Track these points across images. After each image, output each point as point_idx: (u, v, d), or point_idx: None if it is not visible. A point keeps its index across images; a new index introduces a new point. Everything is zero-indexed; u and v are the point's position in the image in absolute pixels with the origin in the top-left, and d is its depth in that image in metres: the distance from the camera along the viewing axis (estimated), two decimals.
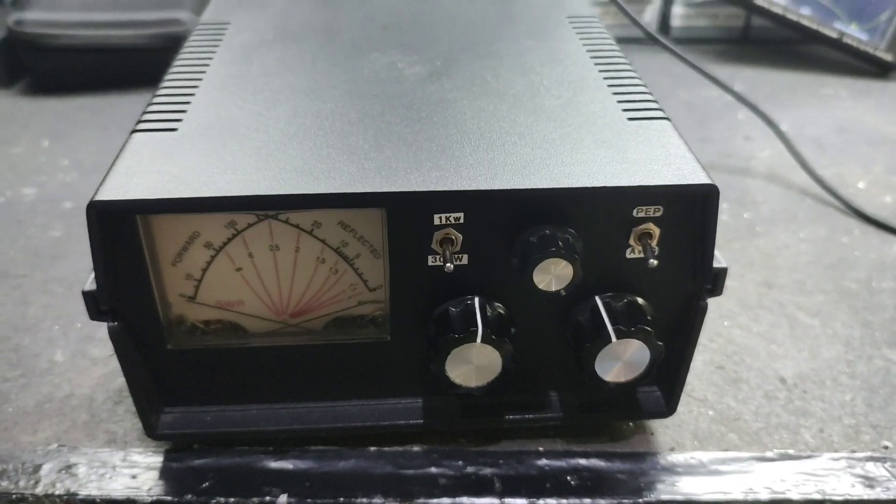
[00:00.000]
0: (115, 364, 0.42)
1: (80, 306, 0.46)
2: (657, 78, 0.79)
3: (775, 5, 0.79)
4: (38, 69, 0.76)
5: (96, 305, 0.33)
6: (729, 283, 0.48)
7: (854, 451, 0.37)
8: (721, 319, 0.46)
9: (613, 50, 0.44)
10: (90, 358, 0.43)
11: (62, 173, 0.62)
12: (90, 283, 0.33)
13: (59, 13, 0.74)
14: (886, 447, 0.38)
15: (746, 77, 0.81)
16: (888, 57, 0.79)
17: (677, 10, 0.87)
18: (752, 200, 0.58)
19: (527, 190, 0.31)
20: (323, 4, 0.51)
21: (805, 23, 0.79)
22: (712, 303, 0.35)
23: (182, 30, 0.74)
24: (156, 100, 0.38)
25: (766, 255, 0.52)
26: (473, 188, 0.31)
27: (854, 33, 0.78)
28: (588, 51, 0.43)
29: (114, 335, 0.33)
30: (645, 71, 0.79)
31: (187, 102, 0.37)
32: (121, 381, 0.41)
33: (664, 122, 0.36)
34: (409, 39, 0.45)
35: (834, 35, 0.79)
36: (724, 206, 0.57)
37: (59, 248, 0.53)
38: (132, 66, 0.75)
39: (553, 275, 0.31)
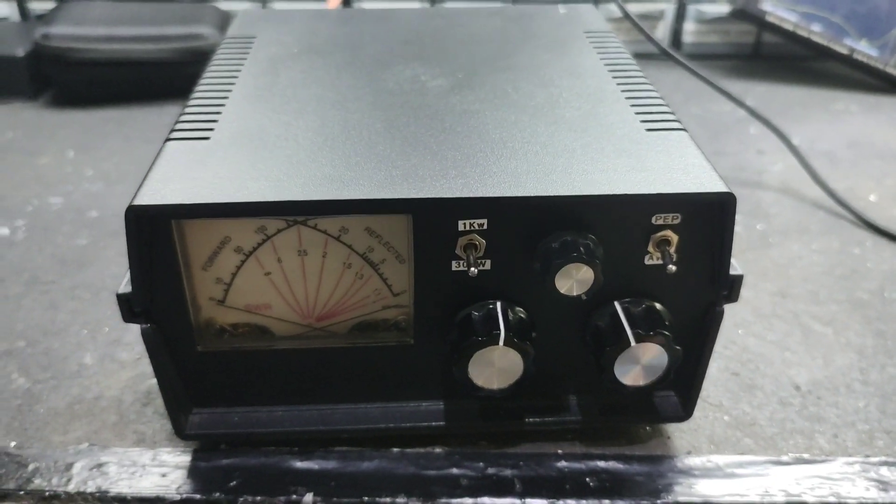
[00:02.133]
0: (142, 367, 0.43)
1: (108, 311, 0.48)
2: (669, 93, 0.80)
3: (786, 22, 0.80)
4: (63, 82, 0.78)
5: (130, 307, 0.34)
6: (743, 292, 0.49)
7: (868, 456, 0.38)
8: (736, 328, 0.47)
9: (630, 63, 0.45)
10: (118, 361, 0.44)
11: (87, 183, 0.64)
12: (124, 286, 0.34)
13: (85, 28, 0.76)
14: None
15: (758, 92, 0.82)
16: None
17: (689, 27, 0.88)
18: (765, 213, 0.59)
19: (549, 197, 0.32)
20: (345, 20, 0.52)
21: (816, 39, 0.80)
22: (727, 311, 0.36)
23: (204, 44, 0.76)
24: (188, 110, 0.39)
25: (779, 265, 0.53)
26: (497, 195, 0.32)
27: (864, 49, 0.79)
28: (605, 64, 0.45)
29: (146, 337, 0.34)
30: (657, 86, 0.81)
31: (218, 112, 0.38)
32: (148, 383, 0.42)
33: (681, 132, 0.37)
34: (431, 53, 0.46)
35: (844, 51, 0.80)
36: (737, 217, 0.58)
37: (86, 255, 0.54)
38: (155, 80, 0.77)
39: (574, 279, 0.32)
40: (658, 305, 0.35)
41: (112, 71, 0.76)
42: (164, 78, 0.77)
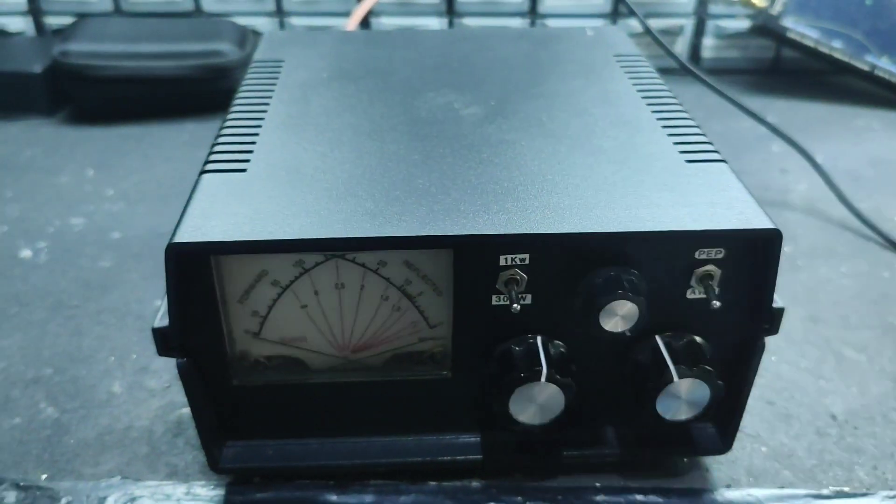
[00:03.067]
0: (171, 396, 0.43)
1: (134, 337, 0.48)
2: (691, 109, 0.79)
3: (807, 39, 0.80)
4: (81, 99, 0.78)
5: (166, 342, 0.34)
6: None
7: None
8: (768, 354, 0.46)
9: (663, 89, 0.44)
10: (147, 389, 0.44)
11: (108, 203, 0.63)
12: (160, 320, 0.33)
13: (103, 45, 0.76)
14: None
15: (778, 108, 0.81)
16: None
17: (708, 42, 0.88)
18: (792, 234, 0.59)
19: (592, 234, 0.31)
20: (372, 43, 0.52)
21: (837, 55, 0.80)
22: None
23: (222, 61, 0.76)
24: (221, 139, 0.39)
25: (808, 289, 0.53)
26: (540, 231, 0.31)
27: (886, 66, 0.79)
28: (638, 90, 0.44)
29: (182, 371, 0.34)
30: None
31: (252, 143, 0.38)
32: (178, 413, 0.42)
33: (722, 164, 0.36)
34: (461, 79, 0.46)
35: (865, 68, 0.79)
36: None
37: (110, 278, 0.54)
38: (174, 96, 0.77)
39: (619, 316, 0.32)
40: (699, 339, 0.35)
41: (130, 88, 0.76)
42: (183, 94, 0.77)
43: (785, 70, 0.89)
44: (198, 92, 0.75)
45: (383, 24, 0.86)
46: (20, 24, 0.88)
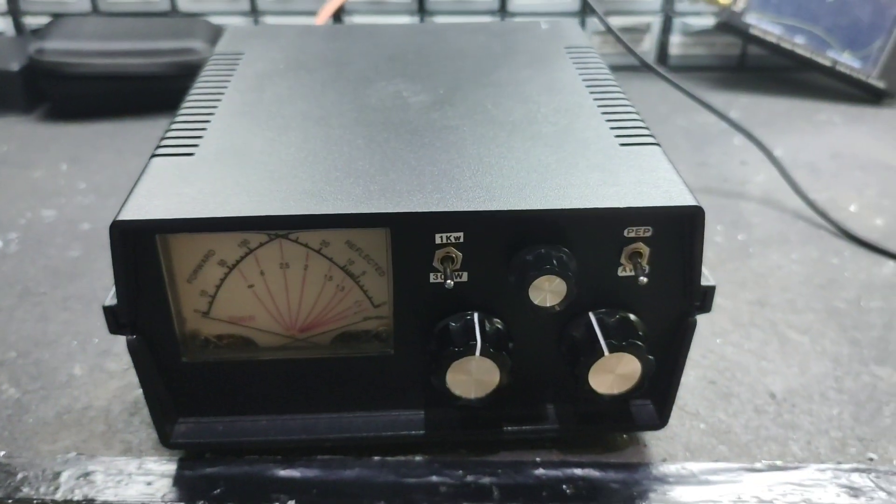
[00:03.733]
0: (130, 378, 0.44)
1: (98, 322, 0.49)
2: (656, 104, 0.82)
3: (770, 35, 0.81)
4: (57, 96, 0.79)
5: (116, 319, 0.35)
6: (722, 302, 0.50)
7: (840, 463, 0.39)
8: (714, 337, 0.48)
9: (608, 79, 0.46)
10: (107, 371, 0.45)
11: (80, 196, 0.64)
12: (110, 299, 0.35)
13: (78, 42, 0.77)
14: (872, 459, 0.39)
15: (743, 103, 0.83)
16: (881, 84, 0.81)
17: (675, 39, 0.89)
18: (747, 223, 0.60)
19: (523, 211, 0.33)
20: (333, 36, 0.54)
21: (799, 51, 0.81)
22: (705, 320, 0.36)
23: (195, 58, 0.77)
24: (174, 125, 0.40)
25: (758, 275, 0.54)
26: (473, 209, 0.33)
27: (847, 61, 0.81)
28: (584, 80, 0.46)
29: (132, 348, 0.35)
30: (644, 97, 0.82)
31: (203, 129, 0.39)
32: (136, 393, 0.43)
33: (654, 147, 0.38)
34: (414, 70, 0.47)
35: (827, 63, 0.81)
36: (718, 228, 0.59)
37: (78, 267, 0.55)
38: (148, 93, 0.78)
39: (548, 291, 0.33)
40: (632, 316, 0.36)
41: (105, 85, 0.77)
42: (157, 91, 0.78)
43: (750, 66, 0.91)
44: (171, 89, 0.76)
45: (355, 22, 0.87)
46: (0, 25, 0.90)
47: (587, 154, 0.37)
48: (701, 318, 0.36)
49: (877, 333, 0.48)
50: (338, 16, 0.83)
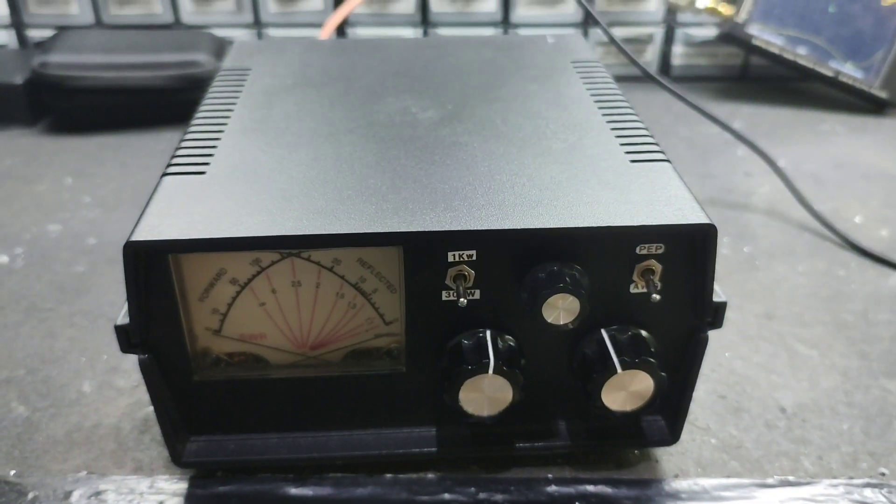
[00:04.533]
0: (139, 395, 0.44)
1: (106, 338, 0.49)
2: (659, 115, 0.82)
3: (772, 46, 0.82)
4: (61, 109, 0.79)
5: (128, 339, 0.35)
6: (730, 314, 0.50)
7: (852, 478, 0.39)
8: (722, 350, 0.48)
9: (616, 94, 0.46)
10: (116, 389, 0.45)
11: (85, 210, 0.64)
12: (122, 318, 0.35)
13: (82, 56, 0.77)
14: (883, 474, 0.39)
15: (745, 114, 0.83)
16: (883, 94, 0.81)
17: (678, 50, 0.90)
18: (752, 235, 0.60)
19: (536, 229, 0.33)
20: (338, 51, 0.54)
21: (801, 62, 0.82)
22: (714, 334, 0.36)
23: (199, 71, 0.77)
24: (184, 143, 0.40)
25: (765, 287, 0.54)
26: (485, 228, 0.33)
27: (849, 72, 0.81)
28: (592, 95, 0.46)
29: (144, 367, 0.35)
30: (647, 108, 0.82)
31: (214, 147, 0.39)
32: (146, 411, 0.43)
33: (665, 164, 0.38)
34: (421, 85, 0.47)
35: (830, 74, 0.81)
36: (724, 240, 0.59)
37: (84, 282, 0.55)
38: (152, 106, 0.78)
39: (561, 309, 0.33)
40: (644, 333, 0.36)
41: (109, 98, 0.77)
42: (161, 104, 0.78)
43: (753, 77, 0.91)
44: (175, 101, 0.77)
45: (359, 34, 0.87)
46: (3, 38, 0.90)
47: (598, 171, 0.37)
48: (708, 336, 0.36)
49: (885, 346, 0.48)
50: (341, 28, 0.84)
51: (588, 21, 0.88)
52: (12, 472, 0.39)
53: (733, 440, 0.41)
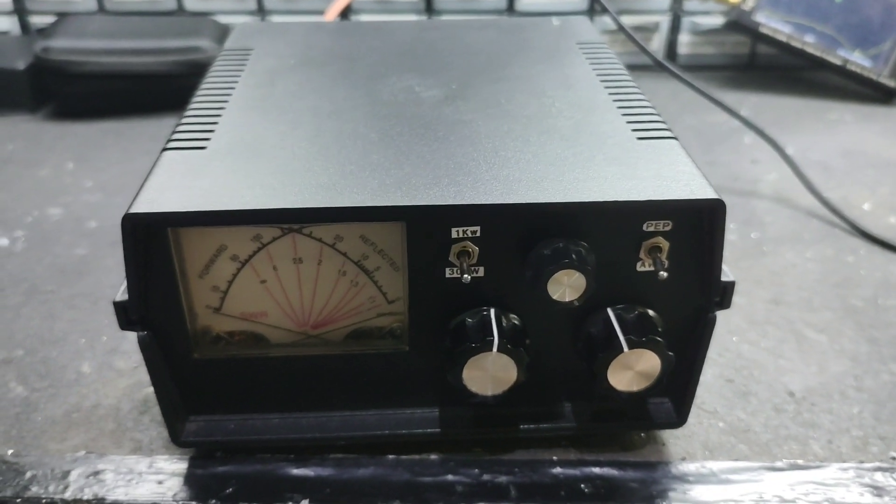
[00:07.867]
0: (139, 375, 0.44)
1: (106, 320, 0.49)
2: (665, 103, 0.81)
3: (780, 34, 0.81)
4: (63, 95, 0.78)
5: (126, 315, 0.34)
6: (737, 300, 0.50)
7: (862, 462, 0.38)
8: (730, 335, 0.47)
9: (622, 74, 0.45)
10: (115, 370, 0.44)
11: (87, 194, 0.64)
12: (121, 294, 0.34)
13: (84, 41, 0.76)
14: (894, 458, 0.38)
15: (752, 103, 0.82)
16: (891, 83, 0.80)
17: (684, 38, 0.89)
18: (760, 221, 0.60)
19: (541, 204, 0.32)
20: (342, 33, 0.53)
21: (809, 50, 0.81)
22: (721, 319, 0.36)
23: (202, 56, 0.76)
24: (185, 120, 0.39)
25: (773, 273, 0.53)
26: (490, 202, 0.32)
27: (858, 60, 0.80)
28: (598, 75, 0.45)
29: (143, 344, 0.35)
30: (653, 96, 0.81)
31: (215, 123, 0.39)
32: (145, 391, 0.42)
33: (672, 141, 0.37)
34: (425, 65, 0.47)
35: (838, 62, 0.80)
36: (731, 226, 0.59)
37: (85, 265, 0.54)
38: (154, 92, 0.78)
39: (566, 286, 0.33)
40: (651, 312, 0.36)
41: (111, 83, 0.77)
42: (163, 90, 0.77)
43: (760, 65, 0.90)
44: (177, 87, 0.76)
45: (362, 21, 0.86)
46: (5, 24, 0.89)
47: (604, 148, 0.36)
48: (716, 316, 0.36)
49: (895, 332, 0.47)
50: (345, 15, 0.83)
51: (594, 9, 0.87)
52: (10, 452, 0.39)
53: (741, 423, 0.41)
